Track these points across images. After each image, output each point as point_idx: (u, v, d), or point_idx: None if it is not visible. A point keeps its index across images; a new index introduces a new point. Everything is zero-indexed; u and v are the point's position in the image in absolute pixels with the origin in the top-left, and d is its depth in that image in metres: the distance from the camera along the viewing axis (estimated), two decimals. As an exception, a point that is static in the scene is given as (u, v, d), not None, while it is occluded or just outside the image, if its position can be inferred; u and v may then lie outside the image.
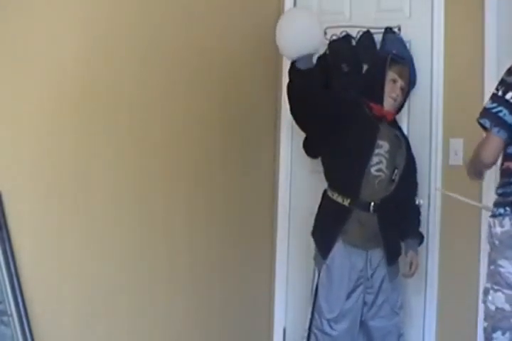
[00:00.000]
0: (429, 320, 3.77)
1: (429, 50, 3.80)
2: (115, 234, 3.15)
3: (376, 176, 3.37)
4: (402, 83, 3.47)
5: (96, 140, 3.06)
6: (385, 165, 3.38)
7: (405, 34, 3.79)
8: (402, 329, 3.55)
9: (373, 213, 3.36)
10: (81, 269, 3.00)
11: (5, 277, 2.69)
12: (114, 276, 3.14)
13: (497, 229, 2.80)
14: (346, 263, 3.37)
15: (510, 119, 2.78)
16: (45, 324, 2.82)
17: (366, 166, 3.34)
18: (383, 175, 3.38)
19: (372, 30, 3.84)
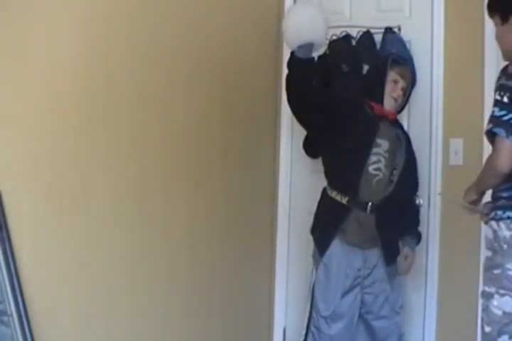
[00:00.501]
0: (429, 319, 3.76)
1: (429, 50, 3.79)
2: (115, 234, 3.15)
3: (374, 175, 3.36)
4: (403, 83, 3.47)
5: (96, 140, 3.06)
6: (383, 164, 3.38)
7: (405, 34, 3.79)
8: (403, 329, 3.55)
9: (371, 213, 3.36)
10: (81, 269, 3.00)
11: (5, 277, 2.69)
12: (114, 276, 3.14)
13: (504, 232, 2.75)
14: (343, 262, 3.37)
15: None
16: (45, 324, 2.82)
17: (364, 165, 3.34)
18: (381, 175, 3.37)
19: (372, 30, 3.84)
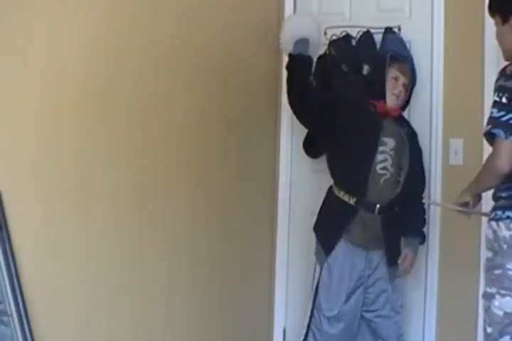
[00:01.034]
0: (429, 319, 3.76)
1: (429, 50, 3.79)
2: (115, 234, 3.15)
3: (381, 174, 3.35)
4: (404, 80, 3.47)
5: (96, 140, 3.06)
6: (390, 163, 3.36)
7: (405, 34, 3.78)
8: (402, 329, 3.55)
9: (378, 215, 3.36)
10: (81, 269, 3.00)
11: (5, 277, 2.69)
12: (114, 276, 3.14)
13: (504, 232, 2.74)
14: (347, 262, 3.37)
15: None
16: (45, 324, 2.82)
17: (371, 164, 3.33)
18: (388, 174, 3.36)
19: (372, 30, 3.84)
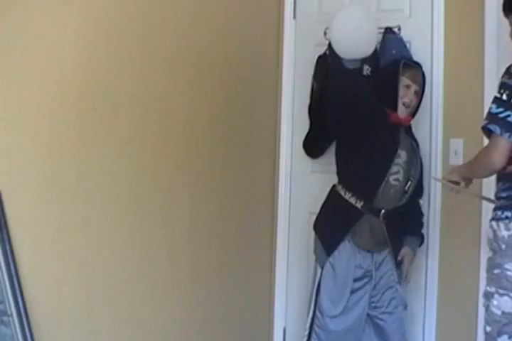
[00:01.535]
0: (429, 320, 3.75)
1: (429, 50, 3.79)
2: (115, 234, 3.15)
3: (393, 185, 3.37)
4: (416, 87, 3.45)
5: (96, 140, 3.06)
6: (402, 175, 3.38)
7: (405, 34, 3.78)
8: (405, 327, 3.55)
9: (382, 220, 3.36)
10: (81, 269, 3.00)
11: (5, 277, 2.70)
12: (114, 276, 3.14)
13: (503, 232, 2.76)
14: (351, 263, 3.36)
15: None
16: (45, 324, 2.82)
17: (386, 174, 3.34)
18: (399, 185, 3.38)
19: (372, 30, 3.83)
